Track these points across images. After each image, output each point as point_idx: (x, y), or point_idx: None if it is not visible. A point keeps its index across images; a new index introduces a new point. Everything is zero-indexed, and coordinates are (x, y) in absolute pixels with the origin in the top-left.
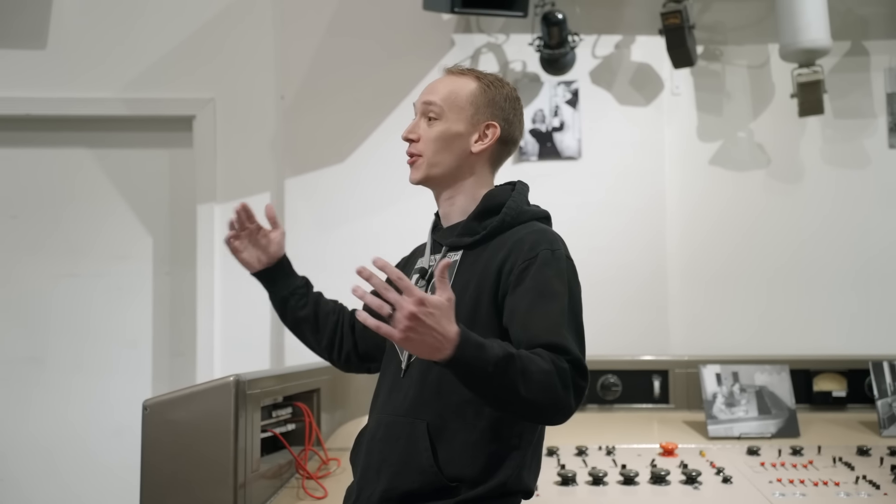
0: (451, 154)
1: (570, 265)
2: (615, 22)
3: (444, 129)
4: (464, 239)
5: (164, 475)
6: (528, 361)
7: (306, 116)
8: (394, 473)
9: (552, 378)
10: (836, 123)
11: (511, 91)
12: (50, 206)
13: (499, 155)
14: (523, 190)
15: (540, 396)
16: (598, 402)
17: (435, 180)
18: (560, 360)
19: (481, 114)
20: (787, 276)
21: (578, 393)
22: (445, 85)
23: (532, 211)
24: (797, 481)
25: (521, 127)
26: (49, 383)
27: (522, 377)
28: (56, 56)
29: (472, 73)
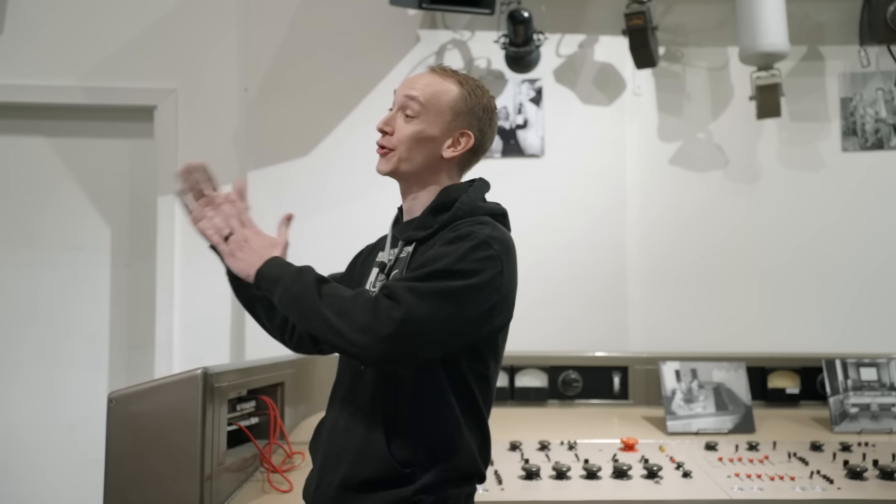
0: (422, 155)
1: (485, 249)
2: (579, 21)
3: (420, 129)
4: (417, 233)
5: (130, 468)
6: (334, 287)
7: (270, 109)
8: (352, 462)
9: (349, 303)
10: (792, 126)
11: (489, 101)
12: (6, 195)
13: (467, 161)
14: (481, 187)
15: (337, 314)
16: (559, 398)
17: (401, 175)
18: (367, 293)
19: (459, 121)
20: (742, 275)
21: (389, 320)
22: (428, 83)
23: (485, 207)
24: (754, 476)
25: (493, 137)
26: (4, 375)
27: (320, 296)
28: (14, 42)
29: (455, 76)
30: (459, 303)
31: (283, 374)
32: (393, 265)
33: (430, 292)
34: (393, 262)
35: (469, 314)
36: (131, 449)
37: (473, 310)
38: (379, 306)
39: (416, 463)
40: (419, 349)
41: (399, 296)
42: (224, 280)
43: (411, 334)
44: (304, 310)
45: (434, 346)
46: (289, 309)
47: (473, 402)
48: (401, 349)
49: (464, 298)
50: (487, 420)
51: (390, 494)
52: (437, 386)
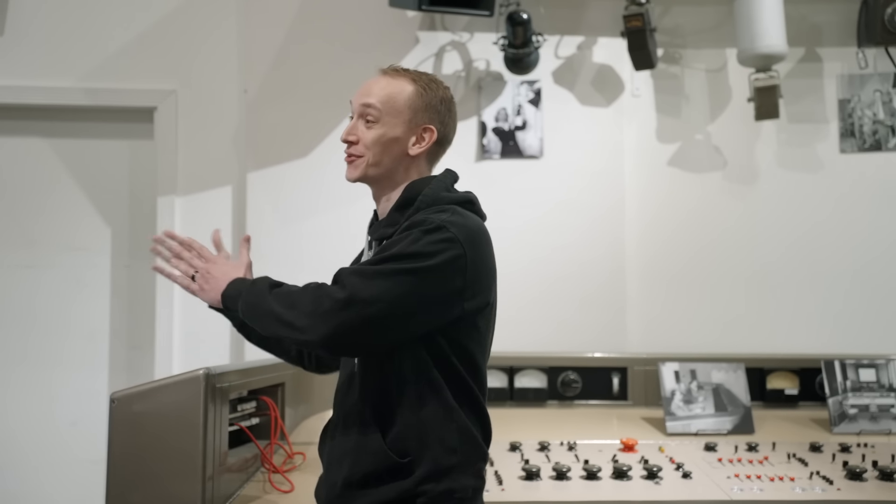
0: (389, 156)
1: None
2: (578, 23)
3: (382, 133)
4: (387, 230)
5: (132, 468)
6: (285, 287)
7: (269, 110)
8: (353, 460)
9: (296, 294)
10: (790, 128)
11: (445, 92)
12: (6, 196)
13: (434, 155)
14: (445, 178)
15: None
16: (558, 399)
17: (372, 180)
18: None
19: (418, 117)
20: (741, 276)
21: (331, 302)
22: (382, 87)
23: (450, 196)
24: (754, 476)
25: (455, 126)
26: (4, 375)
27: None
28: (14, 43)
29: (408, 74)
30: (411, 284)
31: (283, 374)
32: None
33: (376, 274)
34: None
35: (426, 295)
36: (133, 449)
37: (432, 291)
38: (322, 291)
39: (413, 452)
40: (368, 329)
41: (344, 280)
42: None
43: (355, 314)
44: (261, 314)
45: (387, 327)
46: (250, 319)
47: (465, 386)
48: (346, 330)
49: (416, 279)
50: (484, 404)
51: (393, 487)
52: (422, 374)
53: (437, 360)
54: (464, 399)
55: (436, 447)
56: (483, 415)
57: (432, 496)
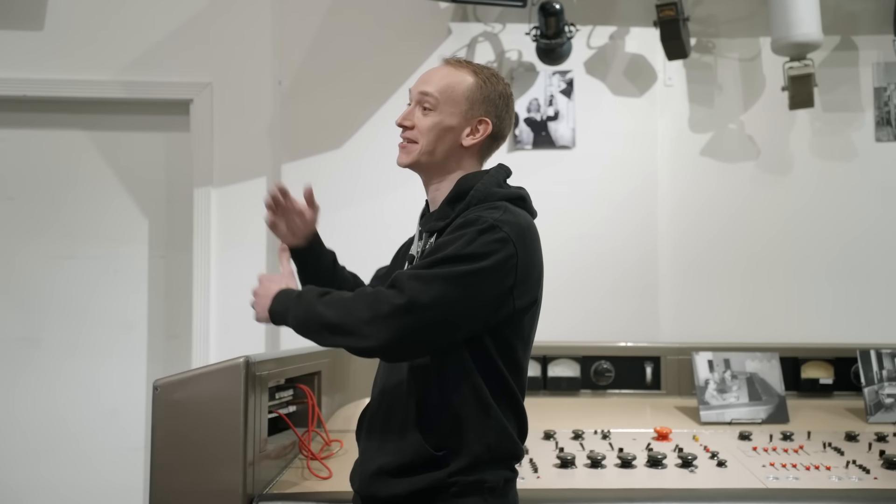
0: (443, 146)
1: (493, 232)
2: (610, 13)
3: (439, 121)
4: (437, 223)
5: (174, 454)
6: (334, 295)
7: (303, 102)
8: (389, 451)
9: (350, 302)
10: (824, 117)
11: (505, 88)
12: (46, 188)
13: (487, 148)
14: (497, 173)
15: (341, 317)
16: (591, 388)
17: (423, 167)
18: (370, 289)
19: (475, 109)
20: (775, 266)
21: (390, 307)
22: (443, 76)
23: (502, 192)
24: (789, 465)
25: (511, 123)
26: (44, 365)
27: (323, 307)
28: (53, 37)
29: (469, 66)
30: (468, 286)
31: (319, 363)
32: (421, 256)
33: (434, 277)
34: (421, 253)
35: (481, 297)
36: (175, 435)
37: (487, 292)
38: (380, 298)
39: (449, 446)
40: (429, 334)
41: (402, 284)
42: (259, 270)
43: (416, 319)
44: (314, 327)
45: (446, 330)
46: (304, 332)
47: (505, 384)
48: (408, 335)
49: (473, 282)
50: (523, 402)
51: (426, 478)
52: (462, 370)
53: (479, 358)
54: (502, 396)
55: (472, 442)
56: (520, 412)
57: (463, 485)
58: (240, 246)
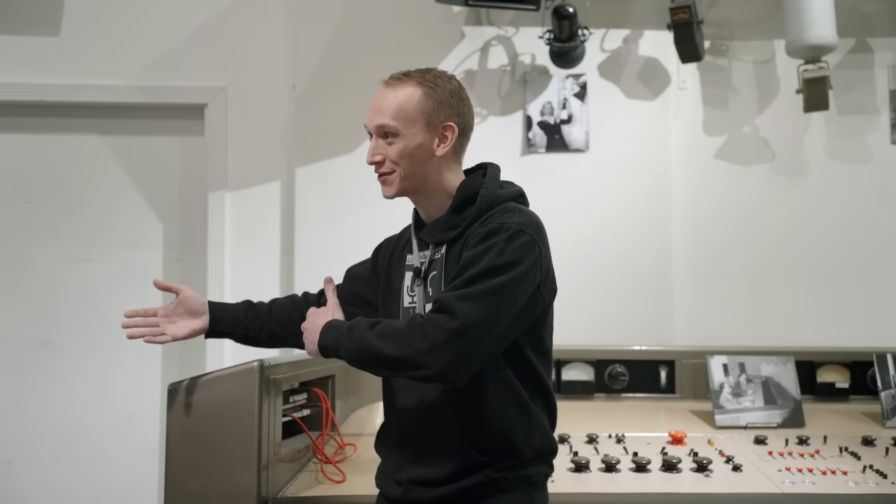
0: (418, 164)
1: (519, 237)
2: (624, 16)
3: (404, 145)
4: (447, 234)
5: (188, 456)
6: (385, 325)
7: (317, 106)
8: (434, 461)
9: (404, 332)
10: (839, 119)
11: (451, 83)
12: (62, 192)
13: (460, 146)
14: (494, 174)
15: (398, 349)
16: (605, 391)
17: (409, 191)
18: (419, 317)
19: (434, 118)
20: (790, 269)
21: (446, 334)
22: (390, 101)
23: (505, 193)
24: (805, 470)
25: (472, 112)
26: (59, 367)
27: (377, 340)
28: (69, 43)
29: (409, 78)
30: (510, 295)
31: (333, 366)
32: (428, 268)
33: (480, 294)
34: (427, 264)
35: (520, 302)
36: (190, 438)
37: (525, 296)
38: (434, 325)
39: (495, 450)
40: (486, 349)
41: (452, 306)
42: (273, 274)
43: (472, 339)
44: (369, 360)
45: (497, 342)
46: (357, 364)
47: (537, 377)
48: (467, 357)
49: (513, 291)
50: (552, 390)
51: (473, 478)
52: (499, 373)
53: (512, 355)
54: (536, 391)
55: (518, 444)
56: (552, 405)
57: (511, 480)
58: (254, 249)
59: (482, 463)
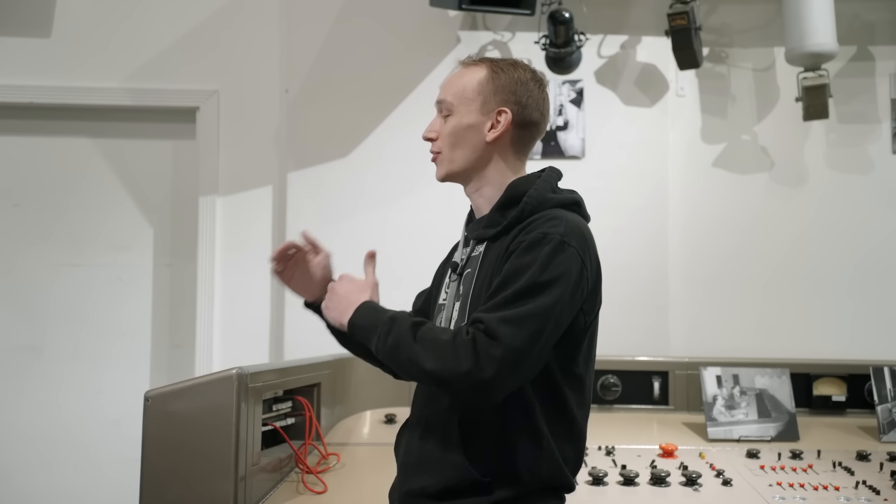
0: (468, 147)
1: (563, 250)
2: (621, 22)
3: (456, 123)
4: (487, 231)
5: (165, 467)
6: (428, 331)
7: (310, 110)
8: (431, 471)
9: (447, 347)
10: (840, 128)
11: (524, 73)
12: (52, 195)
13: (519, 139)
14: (550, 177)
15: (437, 364)
16: (597, 402)
17: (457, 175)
18: (464, 333)
19: (491, 101)
20: (788, 280)
21: (490, 361)
22: (456, 79)
23: (556, 198)
24: (797, 485)
25: (542, 108)
26: (47, 373)
27: (417, 343)
28: (60, 45)
29: (485, 61)
30: (553, 316)
31: (319, 374)
32: (465, 264)
33: (524, 317)
34: (465, 261)
35: (563, 321)
36: (167, 448)
37: (566, 315)
38: (478, 348)
39: (496, 473)
40: (528, 371)
41: (494, 331)
42: (263, 280)
43: (515, 365)
44: (402, 359)
45: (538, 363)
46: (386, 358)
47: (563, 404)
48: (508, 381)
49: (556, 310)
50: (584, 424)
51: (469, 502)
52: (517, 392)
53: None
54: (559, 419)
55: (521, 471)
56: (578, 436)
57: None
58: (245, 255)
59: (482, 484)
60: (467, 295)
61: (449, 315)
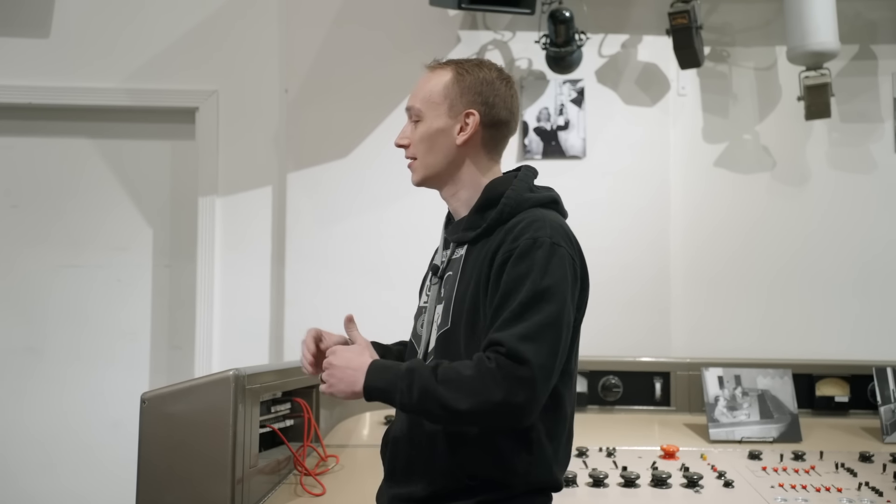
0: (439, 151)
1: (553, 251)
2: (622, 21)
3: (426, 128)
4: (467, 234)
5: (162, 469)
6: (449, 370)
7: (310, 110)
8: (419, 476)
9: (475, 382)
10: (842, 127)
11: (489, 73)
12: (51, 196)
13: (490, 139)
14: (526, 176)
15: (470, 402)
16: (598, 403)
17: (433, 180)
18: (487, 361)
19: (458, 104)
20: (790, 280)
21: (521, 384)
22: (424, 84)
23: (534, 197)
24: (799, 486)
25: (510, 106)
26: (46, 374)
27: (443, 388)
28: (59, 45)
29: (449, 64)
30: (564, 321)
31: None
32: (446, 267)
33: (540, 330)
34: (446, 264)
35: (571, 322)
36: (164, 449)
37: (572, 316)
38: (506, 374)
39: (484, 475)
40: (554, 380)
41: (516, 351)
42: (263, 280)
43: (545, 381)
44: (433, 408)
45: (559, 367)
46: (415, 411)
47: (559, 403)
48: (541, 399)
49: (565, 315)
50: (573, 421)
51: None
52: None
53: None
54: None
55: (509, 475)
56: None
57: None
58: (244, 255)
59: (469, 487)
60: (450, 298)
61: (430, 317)
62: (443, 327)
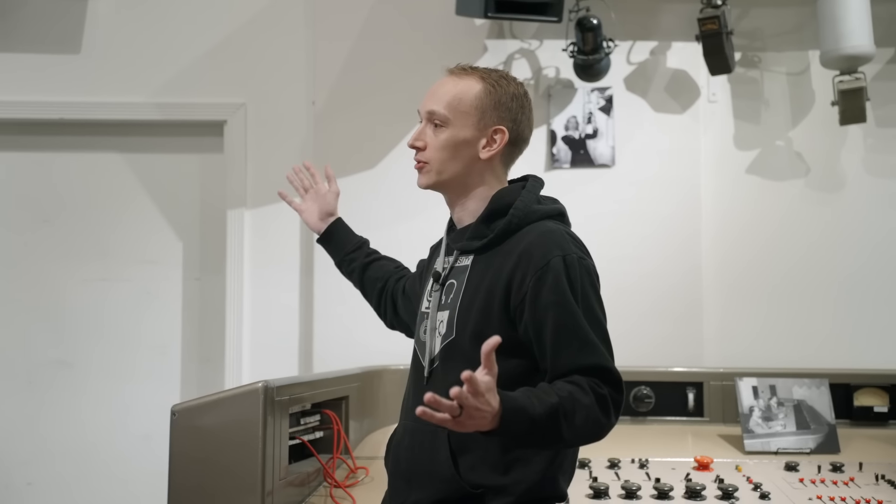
0: (460, 161)
1: (584, 266)
2: (651, 28)
3: (451, 136)
4: (473, 243)
5: (192, 481)
6: (569, 402)
7: (337, 122)
8: (420, 484)
9: (594, 412)
10: (878, 132)
11: (517, 88)
12: (82, 211)
13: (509, 156)
14: (533, 187)
15: (586, 432)
16: (630, 414)
17: (443, 186)
18: (600, 387)
19: (488, 118)
20: (826, 288)
21: (618, 408)
22: (448, 89)
23: (542, 210)
24: (838, 499)
25: (530, 124)
26: (76, 387)
27: (566, 421)
28: (89, 61)
29: (475, 72)
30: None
31: (347, 387)
32: (448, 275)
33: (598, 341)
34: (448, 271)
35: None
36: (193, 462)
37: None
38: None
39: (487, 484)
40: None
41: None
42: (292, 293)
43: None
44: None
45: None
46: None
47: None
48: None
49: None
50: None
51: None
52: None
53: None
54: None
55: (513, 484)
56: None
57: None
58: (273, 268)
59: (473, 497)
60: (454, 308)
61: (434, 325)
62: (447, 337)
